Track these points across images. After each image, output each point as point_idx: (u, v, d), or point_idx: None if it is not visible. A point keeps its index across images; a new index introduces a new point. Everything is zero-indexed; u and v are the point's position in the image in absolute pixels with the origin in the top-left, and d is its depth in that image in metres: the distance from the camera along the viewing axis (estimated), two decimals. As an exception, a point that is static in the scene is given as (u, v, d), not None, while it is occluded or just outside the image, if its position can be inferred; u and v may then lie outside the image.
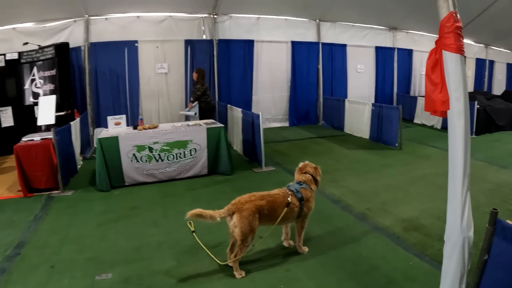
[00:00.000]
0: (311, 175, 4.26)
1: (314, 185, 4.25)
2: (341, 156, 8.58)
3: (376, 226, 4.82)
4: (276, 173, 7.34)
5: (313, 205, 4.15)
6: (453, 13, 2.48)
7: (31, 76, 9.25)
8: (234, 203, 3.77)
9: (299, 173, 4.34)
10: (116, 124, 7.17)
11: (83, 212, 5.62)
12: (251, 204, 3.71)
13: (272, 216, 3.83)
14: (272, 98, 12.59)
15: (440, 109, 2.65)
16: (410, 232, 4.60)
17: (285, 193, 3.96)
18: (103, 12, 10.42)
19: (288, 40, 12.50)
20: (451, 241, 2.66)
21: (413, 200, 5.71)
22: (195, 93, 8.77)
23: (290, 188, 4.07)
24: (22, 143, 6.48)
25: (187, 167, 6.98)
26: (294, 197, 3.96)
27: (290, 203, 3.88)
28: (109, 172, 6.50)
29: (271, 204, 3.80)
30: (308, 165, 4.36)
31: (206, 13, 11.36)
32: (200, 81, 8.83)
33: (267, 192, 3.96)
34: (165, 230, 4.91)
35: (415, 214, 5.15)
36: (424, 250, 4.14)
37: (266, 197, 3.84)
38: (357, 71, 13.97)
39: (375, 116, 9.83)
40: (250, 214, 3.66)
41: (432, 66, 2.66)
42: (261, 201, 3.78)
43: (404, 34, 14.83)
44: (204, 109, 8.79)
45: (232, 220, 3.71)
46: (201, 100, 8.76)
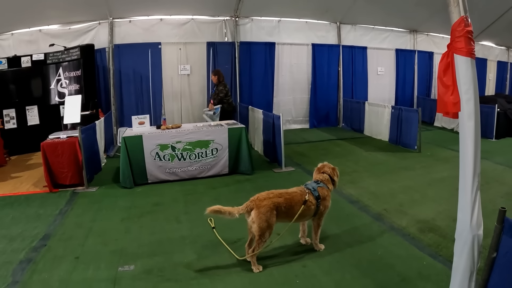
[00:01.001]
0: (329, 175, 4.30)
1: (331, 185, 4.29)
2: (360, 158, 8.56)
3: (392, 226, 4.82)
4: (296, 173, 7.37)
5: (329, 204, 4.19)
6: (464, 18, 2.51)
7: (56, 76, 9.47)
8: (252, 200, 3.84)
9: (317, 172, 4.40)
10: (140, 123, 7.31)
11: (107, 208, 5.76)
12: (269, 201, 3.78)
13: (289, 213, 3.89)
14: (293, 100, 12.60)
15: (452, 111, 2.69)
16: (425, 233, 4.59)
17: (302, 191, 4.02)
18: (127, 14, 10.58)
19: (309, 43, 12.50)
20: (461, 239, 2.68)
21: (430, 202, 5.67)
22: (218, 95, 8.81)
23: (307, 187, 4.13)
24: (49, 140, 6.66)
25: (209, 166, 7.07)
26: (311, 195, 4.01)
27: (307, 201, 3.93)
28: (132, 170, 6.63)
29: (288, 202, 3.86)
30: (326, 166, 4.41)
31: (228, 16, 11.44)
32: (221, 82, 8.90)
33: (285, 190, 4.02)
34: (187, 226, 5.01)
35: (431, 215, 5.12)
36: (438, 250, 4.13)
37: (284, 195, 3.90)
38: (377, 73, 13.86)
39: (394, 119, 9.75)
40: (268, 211, 3.72)
41: (444, 69, 2.70)
42: (279, 198, 3.84)
43: (425, 36, 14.66)
44: (226, 110, 8.85)
45: (250, 216, 3.78)
46: (223, 101, 8.82)
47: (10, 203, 6.07)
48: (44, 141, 6.58)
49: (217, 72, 9.07)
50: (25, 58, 9.58)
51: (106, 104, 10.76)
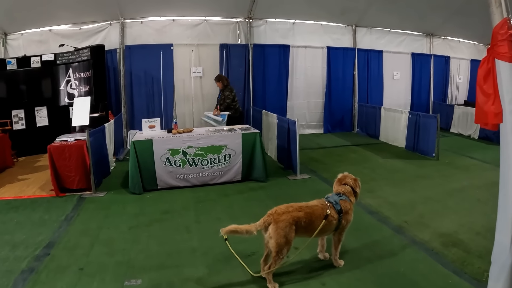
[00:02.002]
0: (351, 187, 4.01)
1: (353, 197, 4.01)
2: (377, 165, 8.28)
3: (414, 240, 4.53)
4: (311, 181, 7.09)
5: (352, 218, 3.91)
6: (507, 20, 2.23)
7: (66, 77, 9.38)
8: (270, 214, 3.56)
9: (338, 184, 4.10)
10: (150, 127, 7.09)
11: (115, 214, 5.54)
12: (288, 215, 3.50)
13: (309, 228, 3.61)
14: (307, 104, 12.35)
15: (492, 122, 2.44)
16: (449, 248, 4.30)
17: (323, 205, 3.74)
18: (139, 15, 10.48)
19: (324, 46, 12.25)
20: (498, 263, 2.46)
21: (451, 214, 5.38)
22: (225, 100, 8.54)
23: (329, 200, 3.84)
24: (56, 143, 6.47)
25: (221, 172, 6.81)
26: (333, 209, 3.73)
27: (328, 215, 3.65)
28: (142, 175, 6.40)
29: (308, 216, 3.59)
30: (348, 176, 4.11)
31: (241, 18, 11.26)
32: (227, 87, 8.64)
33: (305, 203, 3.75)
34: (198, 236, 4.75)
35: (454, 228, 4.83)
36: (463, 267, 3.85)
37: (304, 209, 3.62)
38: (393, 78, 13.55)
39: (411, 125, 9.44)
40: (287, 226, 3.45)
41: (484, 76, 2.44)
42: (298, 212, 3.56)
43: (441, 40, 14.33)
44: (232, 116, 8.56)
45: (268, 231, 3.51)
46: (230, 107, 8.56)
47: (16, 207, 5.90)
48: (51, 144, 6.39)
49: (220, 77, 8.82)
50: (34, 58, 9.48)
51: (117, 106, 10.63)
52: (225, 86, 8.66)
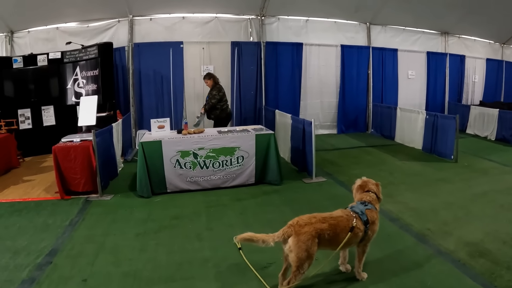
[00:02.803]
0: (374, 193, 3.68)
1: (378, 205, 3.68)
2: (394, 167, 7.94)
3: (439, 250, 4.21)
4: (327, 184, 6.77)
5: (378, 228, 3.59)
6: None
7: (73, 75, 9.20)
8: (291, 225, 3.22)
9: (361, 191, 3.77)
10: (159, 127, 6.80)
11: (122, 220, 5.28)
12: (311, 227, 3.17)
13: (334, 241, 3.29)
14: (321, 103, 12.05)
15: None
16: (476, 259, 3.99)
17: (349, 216, 3.40)
18: (148, 12, 10.30)
19: (338, 44, 11.94)
20: None
21: (475, 220, 5.06)
22: (210, 100, 8.16)
23: (354, 210, 3.49)
24: (61, 144, 6.24)
25: (233, 175, 6.50)
26: (359, 220, 3.40)
27: (354, 227, 3.32)
28: (150, 178, 6.13)
29: (333, 228, 3.26)
30: (370, 182, 3.78)
31: (253, 15, 11.01)
32: (216, 86, 8.25)
33: (330, 214, 3.42)
34: (209, 245, 4.45)
35: (479, 236, 4.52)
36: (492, 280, 3.56)
37: (329, 220, 3.29)
38: (408, 77, 13.20)
39: (429, 126, 9.10)
40: (309, 239, 3.12)
41: None
42: (322, 224, 3.23)
43: (456, 39, 13.95)
44: (219, 117, 8.20)
45: (288, 244, 3.18)
46: (216, 107, 8.16)
47: (19, 210, 5.71)
48: (56, 145, 6.15)
49: (210, 75, 8.43)
50: (41, 57, 9.32)
51: (125, 105, 10.44)
52: (214, 85, 8.28)
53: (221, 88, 8.24)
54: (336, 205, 5.56)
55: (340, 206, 5.47)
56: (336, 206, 5.54)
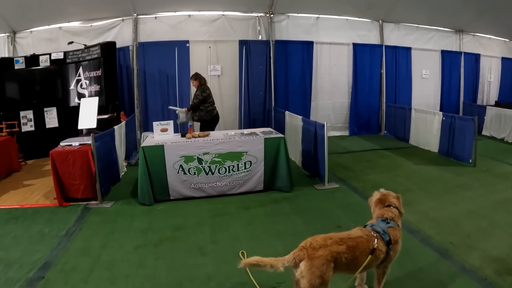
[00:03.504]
0: (397, 208, 3.29)
1: (400, 220, 3.28)
2: (410, 172, 7.55)
3: (463, 267, 3.84)
4: (340, 191, 6.38)
5: (400, 247, 3.18)
6: None
7: (76, 76, 8.99)
8: (304, 247, 2.82)
9: (381, 205, 3.35)
10: (162, 130, 6.45)
11: (121, 230, 4.95)
12: (326, 250, 2.76)
13: (351, 265, 2.87)
14: (332, 104, 11.70)
15: None
16: (503, 276, 3.63)
17: (369, 236, 2.98)
18: (153, 10, 10.08)
19: (350, 42, 11.60)
20: None
21: (500, 232, 4.69)
22: (193, 100, 7.86)
23: (375, 229, 3.06)
24: (59, 148, 5.95)
25: (241, 181, 6.14)
26: (381, 241, 2.98)
27: (375, 249, 2.92)
28: (152, 185, 5.80)
29: (351, 251, 2.84)
30: (390, 195, 3.38)
31: (262, 12, 10.71)
32: (201, 87, 7.88)
33: (348, 233, 3.00)
34: (214, 260, 4.09)
35: (505, 250, 4.15)
36: None
37: (346, 241, 2.87)
38: (422, 76, 12.81)
39: (445, 128, 8.71)
40: (324, 264, 2.72)
41: None
42: (339, 246, 2.81)
43: (471, 37, 13.52)
44: (203, 118, 7.84)
45: (300, 269, 2.80)
46: (200, 108, 7.81)
47: (16, 217, 5.47)
48: (54, 149, 5.86)
49: (195, 76, 8.04)
50: (43, 57, 9.13)
51: (130, 107, 10.20)
52: (199, 86, 7.92)
53: (206, 89, 7.87)
54: (350, 214, 5.27)
55: (355, 215, 5.17)
56: (351, 215, 5.23)
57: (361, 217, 5.08)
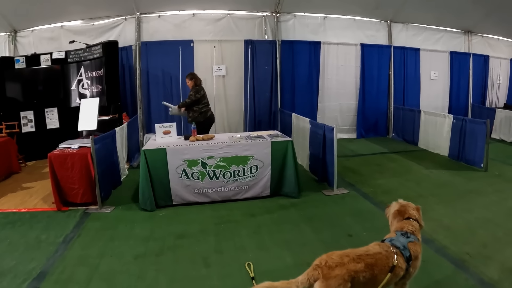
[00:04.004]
0: (417, 221, 3.04)
1: (420, 234, 3.03)
2: (421, 177, 7.30)
3: (481, 280, 3.61)
4: (350, 197, 6.13)
5: (420, 262, 2.91)
6: None
7: (78, 76, 8.80)
8: (318, 266, 2.55)
9: (400, 217, 3.10)
10: (165, 133, 6.22)
11: (121, 238, 4.72)
12: (343, 269, 2.50)
13: (369, 284, 2.61)
14: (339, 106, 11.47)
15: None
16: None
17: (389, 252, 2.72)
18: (156, 9, 9.89)
19: (357, 43, 11.35)
20: None
21: None
22: (185, 100, 7.57)
23: (394, 244, 2.80)
24: (58, 150, 5.74)
25: (246, 186, 5.89)
26: (401, 257, 2.72)
27: (395, 266, 2.66)
28: (154, 190, 5.57)
29: (370, 269, 2.58)
30: (409, 207, 3.13)
31: (268, 11, 10.49)
32: (195, 87, 7.58)
33: (365, 250, 2.73)
34: (218, 272, 3.85)
35: None
36: None
37: (364, 258, 2.61)
38: (430, 78, 12.52)
39: (456, 131, 8.46)
40: (340, 284, 2.46)
41: None
42: (357, 264, 2.55)
43: (480, 38, 13.24)
44: (196, 119, 7.43)
45: None
46: (194, 109, 7.50)
47: (13, 222, 5.29)
48: (52, 152, 5.65)
49: (191, 75, 7.75)
50: (44, 57, 8.94)
51: (132, 107, 10.01)
52: (194, 86, 7.63)
53: (200, 90, 7.56)
54: (361, 222, 5.03)
55: (366, 223, 4.93)
56: (361, 223, 4.99)
57: (372, 224, 4.90)
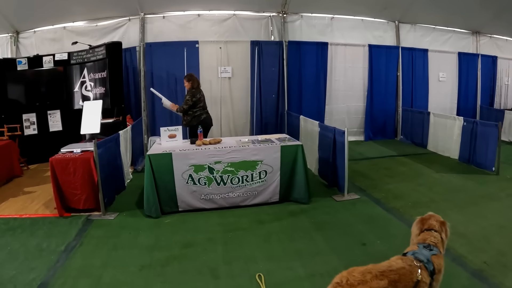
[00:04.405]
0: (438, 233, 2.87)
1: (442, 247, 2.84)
2: (432, 181, 7.09)
3: None
4: (361, 203, 5.91)
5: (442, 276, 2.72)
6: None
7: (81, 78, 8.67)
8: (339, 284, 2.34)
9: (420, 226, 2.96)
10: (170, 136, 5.99)
11: (125, 246, 4.53)
12: (366, 287, 2.31)
13: None
14: (347, 108, 11.28)
15: None
16: None
17: (412, 267, 2.52)
18: (161, 9, 9.76)
19: (365, 43, 11.16)
20: None
21: None
22: (182, 106, 7.28)
23: (417, 257, 2.60)
24: (60, 155, 5.55)
25: (255, 192, 5.67)
26: (425, 271, 2.53)
27: (420, 281, 2.47)
28: (159, 195, 5.37)
29: (394, 285, 2.39)
30: (433, 217, 2.97)
31: (274, 12, 10.31)
32: (190, 91, 7.28)
33: (388, 265, 2.52)
34: (227, 284, 3.66)
35: None
36: None
37: (388, 274, 2.41)
38: (439, 79, 12.32)
39: (467, 134, 8.25)
40: None
41: None
42: (380, 281, 2.34)
43: (488, 39, 13.04)
44: (190, 124, 7.26)
45: None
46: (188, 113, 7.26)
47: (13, 228, 5.13)
48: (54, 156, 5.46)
49: (189, 77, 7.43)
50: (47, 58, 8.82)
51: (137, 110, 9.86)
52: (191, 88, 7.34)
53: (196, 93, 7.28)
54: (374, 230, 4.82)
55: (379, 231, 4.74)
56: (375, 231, 4.78)
57: (385, 232, 4.71)
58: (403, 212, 5.38)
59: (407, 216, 5.18)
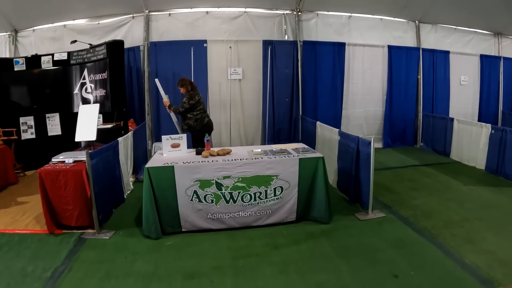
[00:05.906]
0: None
1: None
2: (461, 195, 6.43)
3: None
4: (388, 222, 5.25)
5: None
6: None
7: (81, 79, 8.27)
8: None
9: None
10: (173, 146, 5.36)
11: (119, 275, 3.93)
12: None
13: None
14: (365, 113, 10.73)
15: None
16: None
17: None
18: (166, 6, 9.39)
19: (384, 44, 10.62)
20: None
21: None
22: (178, 108, 6.89)
23: None
24: (49, 165, 5.00)
25: (269, 211, 5.03)
26: None
27: None
28: (160, 214, 4.77)
29: None
30: None
31: (288, 9, 9.87)
32: (187, 93, 6.90)
33: None
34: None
35: None
36: None
37: None
38: (460, 83, 11.71)
39: (495, 142, 7.70)
40: None
41: None
42: None
43: (510, 40, 12.42)
44: (192, 128, 6.83)
45: None
46: (188, 116, 6.83)
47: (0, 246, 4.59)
48: (42, 168, 4.91)
49: (181, 82, 7.03)
50: (45, 58, 8.45)
51: (140, 114, 9.46)
52: (187, 92, 6.95)
53: (194, 95, 6.85)
54: (406, 257, 4.26)
55: (412, 258, 4.20)
56: (407, 258, 4.22)
57: (419, 260, 4.13)
58: (436, 235, 4.73)
59: (441, 239, 4.57)
